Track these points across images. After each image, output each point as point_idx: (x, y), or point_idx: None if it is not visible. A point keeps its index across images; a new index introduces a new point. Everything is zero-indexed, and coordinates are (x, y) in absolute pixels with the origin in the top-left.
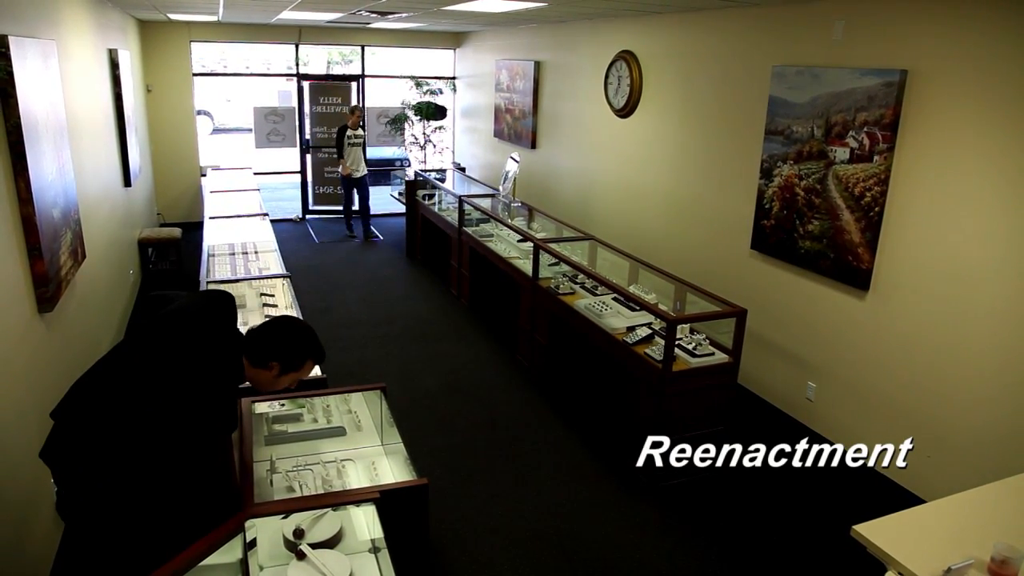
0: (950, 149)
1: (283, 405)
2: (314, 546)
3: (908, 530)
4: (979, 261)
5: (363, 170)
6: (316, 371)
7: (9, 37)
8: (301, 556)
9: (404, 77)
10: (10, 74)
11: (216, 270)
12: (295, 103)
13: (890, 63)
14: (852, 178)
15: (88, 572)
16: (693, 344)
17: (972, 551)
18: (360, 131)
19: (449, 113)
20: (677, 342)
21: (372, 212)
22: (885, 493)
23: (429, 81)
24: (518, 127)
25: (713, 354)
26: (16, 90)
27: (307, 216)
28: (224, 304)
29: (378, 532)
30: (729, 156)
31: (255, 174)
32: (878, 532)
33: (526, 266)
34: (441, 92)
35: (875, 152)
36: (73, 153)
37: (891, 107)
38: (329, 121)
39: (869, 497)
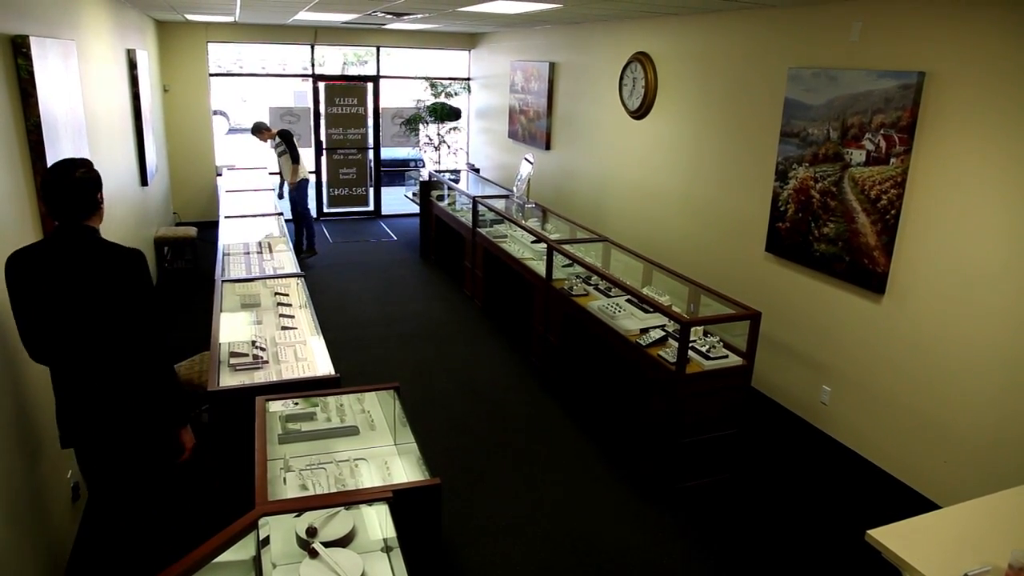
0: (968, 152)
1: (296, 404)
2: (327, 545)
3: (923, 535)
4: (996, 265)
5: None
6: (329, 369)
7: (30, 37)
8: (314, 554)
9: (419, 78)
10: (31, 73)
11: (231, 269)
12: (311, 104)
13: (907, 65)
14: (868, 181)
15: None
16: (707, 346)
17: (989, 558)
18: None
19: (463, 114)
20: (691, 344)
21: (382, 213)
22: (900, 498)
23: (444, 82)
24: (532, 128)
25: (727, 357)
26: (36, 89)
27: (322, 216)
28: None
29: (391, 531)
30: (744, 158)
31: (271, 174)
32: (893, 537)
33: (540, 267)
34: (456, 94)
35: (892, 155)
36: (91, 152)
37: (908, 109)
38: (345, 122)
39: (883, 502)
